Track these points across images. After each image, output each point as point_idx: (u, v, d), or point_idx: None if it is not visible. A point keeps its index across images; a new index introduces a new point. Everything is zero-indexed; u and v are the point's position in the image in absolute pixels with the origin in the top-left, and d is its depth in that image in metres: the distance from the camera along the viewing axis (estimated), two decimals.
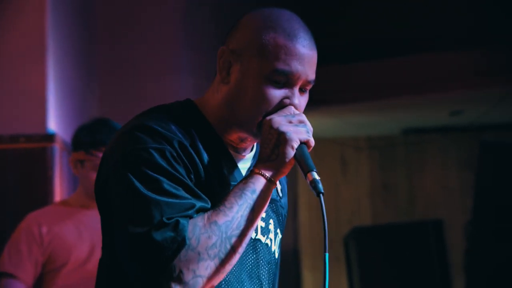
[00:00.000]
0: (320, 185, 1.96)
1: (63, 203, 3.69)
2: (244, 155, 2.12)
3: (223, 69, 2.06)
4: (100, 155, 3.43)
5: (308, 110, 6.70)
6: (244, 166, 2.13)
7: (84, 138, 3.56)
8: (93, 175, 3.43)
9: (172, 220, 1.85)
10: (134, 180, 1.94)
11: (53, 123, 4.60)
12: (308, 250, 7.16)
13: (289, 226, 6.04)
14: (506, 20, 6.15)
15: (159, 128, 1.99)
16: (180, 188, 1.92)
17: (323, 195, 1.95)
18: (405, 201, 7.13)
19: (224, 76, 2.05)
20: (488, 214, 4.70)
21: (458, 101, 6.53)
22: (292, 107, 2.03)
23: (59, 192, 4.58)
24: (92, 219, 3.52)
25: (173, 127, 2.00)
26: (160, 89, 5.90)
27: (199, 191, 1.93)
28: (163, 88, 5.93)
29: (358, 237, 5.41)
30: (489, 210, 4.70)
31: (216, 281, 1.94)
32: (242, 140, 2.06)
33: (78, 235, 3.53)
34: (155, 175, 1.92)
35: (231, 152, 2.08)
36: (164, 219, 1.85)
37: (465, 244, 5.00)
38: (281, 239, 2.40)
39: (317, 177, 1.98)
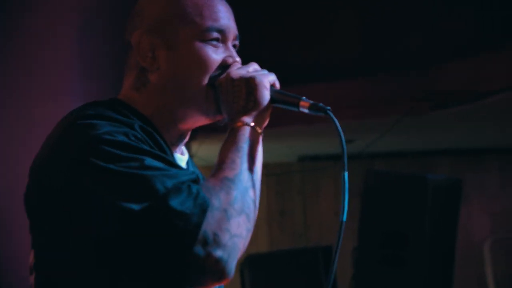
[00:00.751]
0: (320, 103, 1.87)
1: None
2: (182, 156, 1.96)
3: (146, 56, 1.89)
4: None
5: (209, 141, 6.77)
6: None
7: None
8: None
9: (183, 185, 1.64)
10: (110, 166, 1.69)
11: None
12: None
13: None
14: (388, 52, 6.28)
15: (113, 114, 1.79)
16: (163, 163, 1.69)
17: (330, 110, 1.83)
18: (300, 227, 7.23)
19: (150, 63, 1.88)
20: (373, 240, 4.77)
21: (349, 129, 6.62)
22: (237, 63, 1.93)
23: None
24: None
25: (121, 116, 1.79)
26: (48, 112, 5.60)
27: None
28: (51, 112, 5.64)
29: (253, 265, 5.41)
30: (375, 236, 4.77)
31: (247, 242, 1.72)
32: (180, 138, 1.92)
33: None
34: (131, 154, 1.69)
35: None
36: (172, 187, 1.63)
37: (352, 270, 5.06)
38: None
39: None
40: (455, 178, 4.97)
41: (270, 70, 2.16)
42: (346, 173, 1.85)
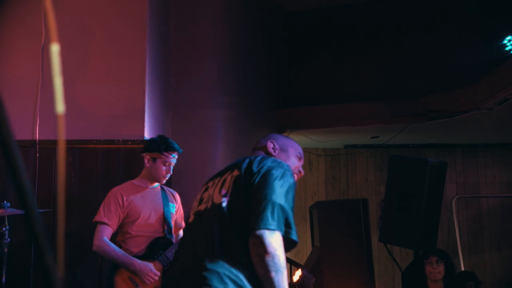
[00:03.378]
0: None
1: (133, 182, 3.61)
2: None
3: (272, 150, 2.27)
4: (168, 156, 3.48)
5: (293, 133, 6.75)
6: None
7: (158, 145, 3.49)
8: (162, 168, 3.48)
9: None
10: (287, 186, 1.91)
11: (147, 132, 4.43)
12: None
13: None
14: (398, 86, 6.22)
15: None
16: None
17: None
18: (344, 187, 7.24)
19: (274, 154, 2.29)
20: (393, 197, 4.75)
21: (375, 130, 6.62)
22: None
23: None
24: (151, 193, 3.58)
25: None
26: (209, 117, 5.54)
27: None
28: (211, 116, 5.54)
29: (318, 207, 5.45)
30: (394, 195, 4.75)
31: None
32: None
33: (143, 202, 3.50)
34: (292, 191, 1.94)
35: None
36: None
37: (379, 213, 5.05)
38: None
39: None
40: (443, 162, 4.89)
41: (329, 96, 2.19)
42: None
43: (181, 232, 3.70)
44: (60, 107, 0.81)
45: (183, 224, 3.73)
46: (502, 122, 6.17)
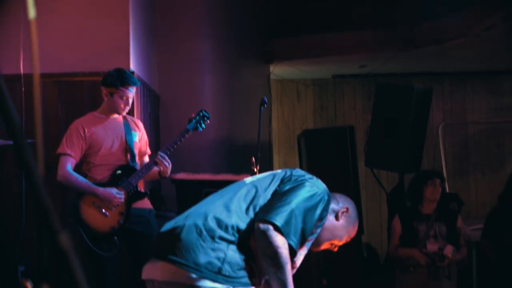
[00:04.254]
0: None
1: (94, 114, 3.64)
2: None
3: None
4: (125, 90, 3.50)
5: (281, 64, 6.69)
6: None
7: (114, 80, 3.49)
8: (119, 102, 3.50)
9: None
10: (314, 207, 1.95)
11: (132, 64, 4.38)
12: (277, 143, 7.38)
13: (265, 130, 6.13)
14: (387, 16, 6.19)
15: None
16: None
17: None
18: (332, 116, 7.28)
19: None
20: (380, 123, 4.81)
21: (363, 60, 6.63)
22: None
23: (136, 105, 4.42)
24: (112, 124, 3.63)
25: None
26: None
27: None
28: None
29: (306, 136, 5.51)
30: (380, 121, 4.81)
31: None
32: None
33: (105, 133, 3.56)
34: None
35: None
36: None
37: (365, 139, 5.12)
38: None
39: None
40: (429, 88, 4.93)
41: (317, 26, 2.13)
42: None
43: (146, 159, 3.77)
44: (32, 12, 0.82)
45: (149, 151, 3.83)
46: (489, 49, 6.18)
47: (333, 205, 2.12)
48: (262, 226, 1.82)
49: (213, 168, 4.93)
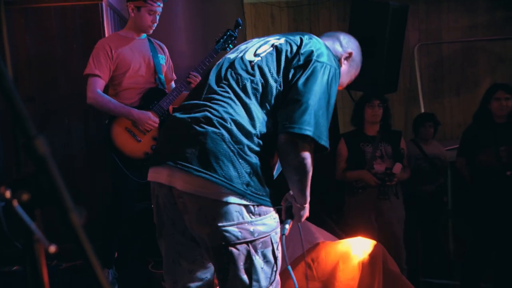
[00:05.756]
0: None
1: (119, 33, 3.48)
2: None
3: None
4: (153, 4, 3.37)
5: None
6: None
7: None
8: (147, 17, 3.40)
9: None
10: (332, 91, 1.83)
11: None
12: None
13: None
14: None
15: None
16: None
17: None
18: None
19: None
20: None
21: None
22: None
23: (106, 31, 4.42)
24: (139, 44, 3.50)
25: None
26: None
27: None
28: None
29: None
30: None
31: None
32: None
33: (132, 54, 3.42)
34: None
35: None
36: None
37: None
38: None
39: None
40: (405, 5, 4.87)
41: None
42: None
43: (173, 84, 3.67)
44: None
45: (174, 76, 3.71)
46: None
47: (335, 50, 2.05)
48: (289, 138, 1.74)
49: None
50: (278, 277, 1.83)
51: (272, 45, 1.94)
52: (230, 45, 3.56)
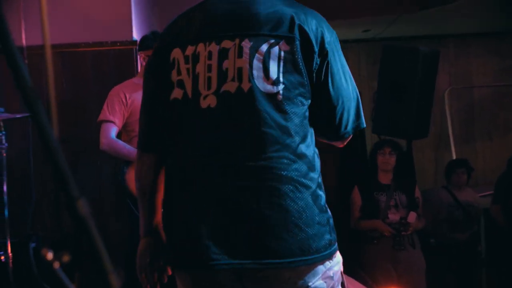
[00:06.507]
0: None
1: (134, 80, 3.50)
2: None
3: None
4: None
5: None
6: None
7: (151, 41, 3.30)
8: None
9: None
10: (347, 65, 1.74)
11: (135, 34, 4.30)
12: None
13: None
14: None
15: None
16: None
17: None
18: None
19: None
20: (386, 88, 4.77)
21: (366, 23, 6.56)
22: None
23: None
24: None
25: None
26: None
27: None
28: None
29: None
30: (387, 85, 4.76)
31: None
32: None
33: None
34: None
35: None
36: None
37: (371, 105, 5.10)
38: None
39: None
40: (436, 49, 4.88)
41: None
42: None
43: None
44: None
45: None
46: (493, 8, 6.10)
47: None
48: (341, 140, 1.72)
49: None
50: None
51: None
52: None
